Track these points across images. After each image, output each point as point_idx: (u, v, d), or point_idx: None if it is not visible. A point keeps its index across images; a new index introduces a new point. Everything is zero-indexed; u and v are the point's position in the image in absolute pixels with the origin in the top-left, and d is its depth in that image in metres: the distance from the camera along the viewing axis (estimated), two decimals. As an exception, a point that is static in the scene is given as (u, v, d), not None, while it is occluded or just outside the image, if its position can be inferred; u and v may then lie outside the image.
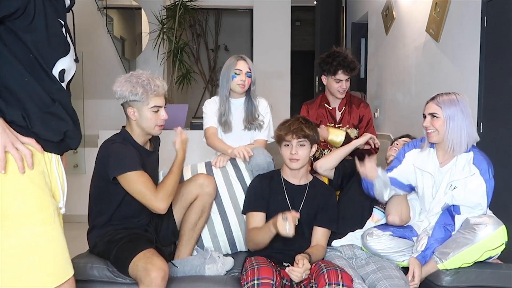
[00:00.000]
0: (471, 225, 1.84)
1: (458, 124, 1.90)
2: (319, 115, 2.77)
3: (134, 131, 1.93)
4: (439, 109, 1.93)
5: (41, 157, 1.27)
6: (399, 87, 4.30)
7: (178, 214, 2.05)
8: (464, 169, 1.92)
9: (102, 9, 4.97)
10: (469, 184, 1.90)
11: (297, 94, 7.90)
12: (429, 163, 2.01)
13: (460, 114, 1.90)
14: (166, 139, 2.31)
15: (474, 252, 1.82)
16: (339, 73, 2.64)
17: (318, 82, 6.30)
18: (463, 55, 3.03)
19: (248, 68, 2.44)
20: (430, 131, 1.96)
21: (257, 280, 1.67)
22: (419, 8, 3.78)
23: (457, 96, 1.93)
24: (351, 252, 2.10)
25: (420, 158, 2.05)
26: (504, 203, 2.55)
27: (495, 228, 1.80)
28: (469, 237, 1.81)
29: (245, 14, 7.91)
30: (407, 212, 2.07)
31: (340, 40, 6.18)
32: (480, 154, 1.95)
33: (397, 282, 1.79)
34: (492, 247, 1.81)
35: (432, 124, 1.94)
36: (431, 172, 2.00)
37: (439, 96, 1.96)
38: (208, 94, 8.36)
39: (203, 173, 2.17)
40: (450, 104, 1.91)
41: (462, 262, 1.85)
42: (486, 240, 1.79)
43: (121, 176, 1.78)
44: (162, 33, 5.74)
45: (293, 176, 2.09)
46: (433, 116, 1.94)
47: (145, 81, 1.84)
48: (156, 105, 1.88)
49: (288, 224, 1.74)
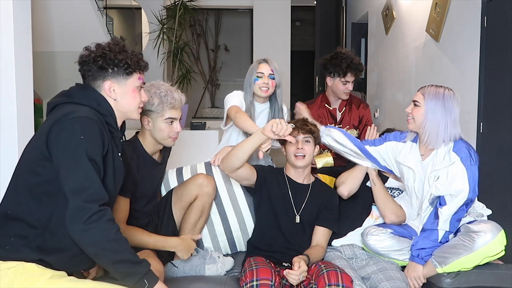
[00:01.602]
0: (470, 232, 1.83)
1: (436, 118, 1.87)
2: (320, 115, 2.77)
3: (146, 139, 1.94)
4: (423, 98, 1.91)
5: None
6: (399, 87, 4.29)
7: (178, 214, 2.06)
8: (445, 159, 1.90)
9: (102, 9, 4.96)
10: (450, 172, 1.88)
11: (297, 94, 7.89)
12: (411, 157, 2.00)
13: (441, 109, 1.87)
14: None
15: (473, 259, 1.81)
16: (348, 75, 2.65)
17: (318, 82, 6.30)
18: (463, 55, 3.03)
19: (271, 70, 2.33)
20: (409, 117, 1.96)
21: (256, 281, 1.67)
22: (419, 8, 3.78)
23: (445, 91, 1.90)
24: (352, 252, 2.10)
25: (402, 152, 2.04)
26: (504, 203, 2.55)
27: (494, 235, 1.79)
28: (468, 245, 1.80)
29: (245, 14, 7.91)
30: (400, 208, 2.09)
31: (340, 40, 6.18)
32: (460, 142, 1.91)
33: (399, 284, 1.79)
34: (492, 254, 1.80)
35: (412, 111, 1.94)
36: (412, 167, 1.99)
37: (429, 86, 1.94)
38: (208, 94, 8.37)
39: (202, 173, 2.17)
40: (434, 97, 1.89)
41: (462, 267, 1.84)
42: (485, 248, 1.79)
43: None
44: (162, 33, 5.74)
45: (297, 175, 2.10)
46: (415, 104, 1.94)
47: (163, 93, 1.86)
48: (170, 117, 1.89)
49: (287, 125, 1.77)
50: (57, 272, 1.39)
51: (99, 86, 1.51)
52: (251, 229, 2.19)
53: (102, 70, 1.49)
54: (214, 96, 8.32)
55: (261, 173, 2.06)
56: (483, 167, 2.79)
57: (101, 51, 1.49)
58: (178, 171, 2.28)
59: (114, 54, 1.49)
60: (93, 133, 1.38)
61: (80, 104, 1.44)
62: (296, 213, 2.03)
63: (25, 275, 1.33)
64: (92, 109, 1.44)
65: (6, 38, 2.42)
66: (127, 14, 7.66)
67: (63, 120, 1.36)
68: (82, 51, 1.52)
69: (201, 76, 8.13)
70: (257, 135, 1.85)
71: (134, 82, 1.55)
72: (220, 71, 8.47)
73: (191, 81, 6.19)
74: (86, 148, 1.34)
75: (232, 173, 1.98)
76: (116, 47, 1.52)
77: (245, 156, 1.90)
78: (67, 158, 1.34)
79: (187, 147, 4.15)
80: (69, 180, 1.33)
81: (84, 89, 1.51)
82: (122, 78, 1.52)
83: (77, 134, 1.34)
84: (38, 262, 1.37)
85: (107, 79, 1.50)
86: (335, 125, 2.76)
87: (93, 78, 1.50)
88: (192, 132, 4.53)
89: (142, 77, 1.58)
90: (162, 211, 2.06)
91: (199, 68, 8.07)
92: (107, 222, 1.34)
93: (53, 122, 1.37)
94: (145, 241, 1.80)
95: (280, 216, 2.02)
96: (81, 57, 1.51)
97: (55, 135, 1.36)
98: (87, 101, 1.46)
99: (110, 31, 5.34)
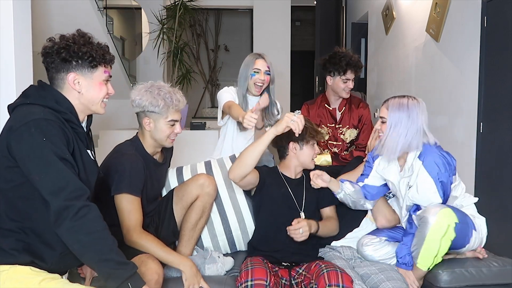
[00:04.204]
0: (418, 220, 1.83)
1: (399, 130, 1.83)
2: (320, 115, 2.78)
3: (146, 140, 1.94)
4: (387, 112, 1.88)
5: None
6: (399, 87, 4.30)
7: (179, 214, 2.05)
8: (412, 166, 1.88)
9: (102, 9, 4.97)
10: (419, 181, 1.85)
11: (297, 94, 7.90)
12: (390, 170, 2.00)
13: (405, 120, 1.83)
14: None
15: (431, 243, 1.78)
16: (348, 73, 2.65)
17: (318, 82, 6.30)
18: (463, 55, 3.03)
19: (267, 67, 2.41)
20: (380, 134, 1.92)
21: (251, 281, 1.68)
22: (419, 8, 3.78)
23: (409, 101, 1.85)
24: (351, 253, 2.10)
25: (382, 165, 2.03)
26: (504, 203, 2.55)
27: (435, 213, 1.76)
28: (421, 233, 1.80)
29: (245, 14, 7.91)
30: (392, 212, 2.11)
31: (340, 40, 6.17)
32: (429, 147, 1.86)
33: (400, 284, 1.80)
34: (442, 233, 1.75)
35: (381, 127, 1.90)
36: (392, 180, 1.99)
37: (392, 99, 1.90)
38: (208, 94, 8.37)
39: (203, 173, 2.17)
40: (398, 109, 1.85)
41: (431, 257, 1.81)
42: (433, 228, 1.75)
43: (117, 195, 1.79)
44: (162, 33, 5.74)
45: (291, 172, 2.12)
46: (382, 121, 1.90)
47: (167, 95, 1.85)
48: (173, 119, 1.89)
49: (297, 117, 1.78)
50: (50, 275, 1.38)
51: (62, 79, 1.45)
52: (250, 228, 2.19)
53: (66, 62, 1.43)
54: (214, 96, 8.30)
55: (261, 174, 2.07)
56: (483, 167, 2.81)
57: (64, 43, 1.43)
58: (178, 171, 2.28)
59: (78, 46, 1.43)
60: (54, 133, 1.34)
61: (35, 104, 1.39)
62: (300, 210, 2.04)
63: (17, 277, 1.33)
64: (49, 108, 1.39)
65: (6, 38, 2.42)
66: (127, 14, 7.66)
67: (18, 126, 1.32)
68: (46, 42, 1.46)
69: (201, 76, 8.14)
70: (269, 135, 1.83)
71: (100, 76, 1.49)
72: (220, 71, 8.48)
73: (191, 81, 6.19)
74: (51, 148, 1.31)
75: (242, 181, 1.94)
76: (81, 39, 1.45)
77: (257, 158, 1.87)
78: (35, 163, 1.30)
79: (187, 147, 4.15)
80: (44, 184, 1.30)
81: (41, 88, 1.46)
82: (87, 71, 1.46)
83: (37, 137, 1.30)
84: (31, 264, 1.36)
85: (71, 72, 1.44)
86: (335, 125, 2.76)
87: (56, 71, 1.45)
88: (192, 132, 4.53)
89: (108, 70, 1.53)
90: (163, 211, 2.06)
91: (199, 68, 8.08)
92: (94, 218, 1.33)
93: (9, 129, 1.33)
94: (157, 254, 1.75)
95: (282, 215, 2.02)
96: (44, 49, 1.45)
97: (15, 144, 1.31)
98: (43, 100, 1.40)
99: (110, 31, 5.34)
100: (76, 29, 1.50)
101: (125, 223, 1.77)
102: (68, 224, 1.29)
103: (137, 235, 1.75)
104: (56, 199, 1.29)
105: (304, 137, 2.02)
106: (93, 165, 1.53)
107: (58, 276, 1.41)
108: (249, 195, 2.15)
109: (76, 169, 1.39)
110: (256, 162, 1.88)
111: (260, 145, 1.85)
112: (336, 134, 2.76)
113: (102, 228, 1.35)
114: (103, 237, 1.35)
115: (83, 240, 1.31)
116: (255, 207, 2.13)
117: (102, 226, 1.35)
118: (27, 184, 1.33)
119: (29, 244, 1.37)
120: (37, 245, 1.38)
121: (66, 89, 1.47)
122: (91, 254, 1.34)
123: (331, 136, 2.76)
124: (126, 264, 1.39)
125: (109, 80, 1.54)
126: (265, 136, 1.84)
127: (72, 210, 1.29)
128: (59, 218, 1.29)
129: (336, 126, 2.76)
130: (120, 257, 1.38)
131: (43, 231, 1.38)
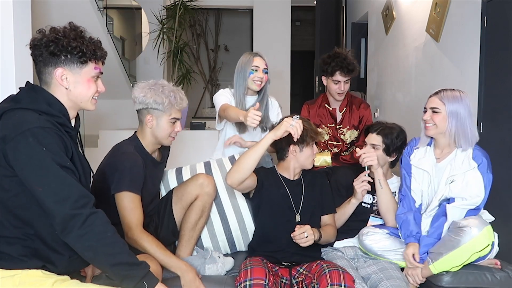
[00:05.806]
0: (457, 228, 1.84)
1: (462, 121, 1.91)
2: (320, 115, 2.77)
3: (145, 138, 1.94)
4: (442, 104, 1.94)
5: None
6: (399, 87, 4.30)
7: (178, 214, 2.05)
8: (464, 163, 1.94)
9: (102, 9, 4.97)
10: (467, 178, 1.92)
11: (297, 94, 7.91)
12: (426, 160, 2.04)
13: (463, 111, 1.91)
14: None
15: (461, 254, 1.81)
16: (336, 74, 2.61)
17: (318, 82, 6.30)
18: (463, 55, 3.03)
19: (265, 65, 2.40)
20: (429, 125, 1.97)
21: (249, 281, 1.68)
22: (419, 8, 3.78)
23: (461, 94, 1.94)
24: (353, 252, 2.10)
25: (417, 155, 2.07)
26: (504, 203, 2.55)
27: (480, 229, 1.79)
28: (455, 240, 1.81)
29: (245, 14, 7.92)
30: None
31: (340, 40, 6.18)
32: (478, 150, 1.97)
33: (398, 283, 1.80)
34: (479, 248, 1.80)
35: (432, 118, 1.96)
36: (428, 170, 2.02)
37: (443, 91, 1.97)
38: (208, 94, 8.37)
39: (203, 173, 2.16)
40: (454, 101, 1.92)
41: (451, 265, 1.84)
42: (471, 242, 1.79)
43: (118, 194, 1.79)
44: (162, 33, 5.75)
45: (289, 173, 2.11)
46: (434, 111, 1.96)
47: (171, 93, 1.87)
48: (175, 117, 1.91)
49: (296, 121, 1.77)
50: (60, 277, 1.38)
51: (49, 73, 1.39)
52: (250, 228, 2.19)
53: (54, 56, 1.36)
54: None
55: (259, 177, 2.05)
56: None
57: (54, 36, 1.36)
58: (177, 171, 2.28)
59: (68, 40, 1.36)
60: (52, 142, 1.29)
61: (27, 109, 1.33)
62: (296, 212, 2.04)
63: (30, 280, 1.33)
64: (43, 113, 1.34)
65: (6, 38, 2.42)
66: (127, 14, 7.67)
67: (14, 136, 1.27)
68: (35, 33, 1.39)
69: (201, 76, 8.14)
70: (267, 140, 1.80)
71: (90, 72, 1.42)
72: (220, 71, 8.48)
73: (191, 81, 6.20)
74: (52, 158, 1.27)
75: (240, 185, 1.91)
76: (72, 32, 1.38)
77: (255, 162, 1.84)
78: (37, 174, 1.27)
79: (187, 147, 4.15)
80: (48, 194, 1.27)
81: (33, 90, 1.40)
82: (75, 67, 1.39)
83: (35, 147, 1.26)
84: (43, 268, 1.37)
85: (59, 66, 1.38)
86: (335, 125, 2.75)
87: (44, 64, 1.38)
88: (192, 132, 4.54)
89: (99, 66, 1.45)
90: (162, 211, 2.06)
91: (199, 68, 8.08)
92: (102, 224, 1.32)
93: (3, 137, 1.28)
94: (156, 256, 1.74)
95: (282, 216, 2.02)
96: (33, 41, 1.38)
97: (12, 154, 1.27)
98: (36, 105, 1.35)
99: (110, 31, 5.34)
100: (69, 22, 1.43)
101: (126, 221, 1.77)
102: (77, 232, 1.28)
103: (138, 234, 1.75)
104: (61, 208, 1.27)
105: (305, 139, 2.01)
106: (87, 166, 1.52)
107: (68, 278, 1.41)
108: (248, 197, 2.14)
109: (77, 175, 1.38)
110: (254, 166, 1.86)
111: (258, 149, 1.81)
112: (336, 135, 2.75)
113: (111, 233, 1.34)
114: (113, 242, 1.35)
115: (94, 246, 1.31)
116: (254, 209, 2.13)
117: (111, 231, 1.35)
118: (25, 193, 1.31)
119: (37, 250, 1.37)
120: (45, 251, 1.38)
121: (53, 85, 1.41)
122: (103, 259, 1.34)
123: (331, 136, 2.75)
124: (138, 264, 1.40)
125: (100, 76, 1.48)
126: (263, 141, 1.81)
127: (80, 219, 1.28)
128: (66, 227, 1.28)
129: (336, 127, 2.75)
130: (132, 258, 1.39)
131: (47, 238, 1.38)
